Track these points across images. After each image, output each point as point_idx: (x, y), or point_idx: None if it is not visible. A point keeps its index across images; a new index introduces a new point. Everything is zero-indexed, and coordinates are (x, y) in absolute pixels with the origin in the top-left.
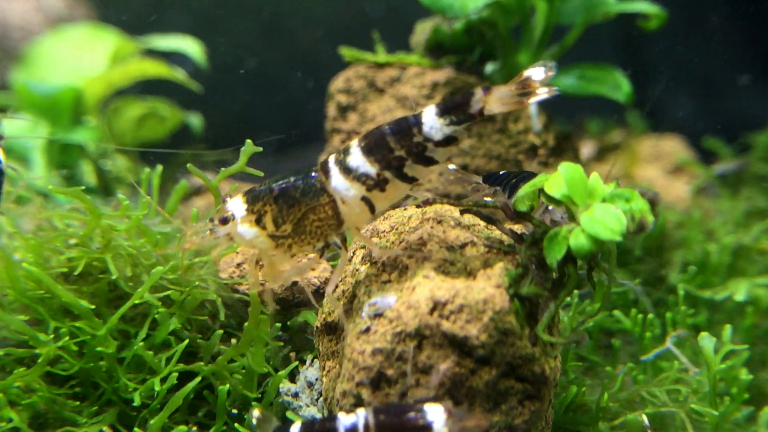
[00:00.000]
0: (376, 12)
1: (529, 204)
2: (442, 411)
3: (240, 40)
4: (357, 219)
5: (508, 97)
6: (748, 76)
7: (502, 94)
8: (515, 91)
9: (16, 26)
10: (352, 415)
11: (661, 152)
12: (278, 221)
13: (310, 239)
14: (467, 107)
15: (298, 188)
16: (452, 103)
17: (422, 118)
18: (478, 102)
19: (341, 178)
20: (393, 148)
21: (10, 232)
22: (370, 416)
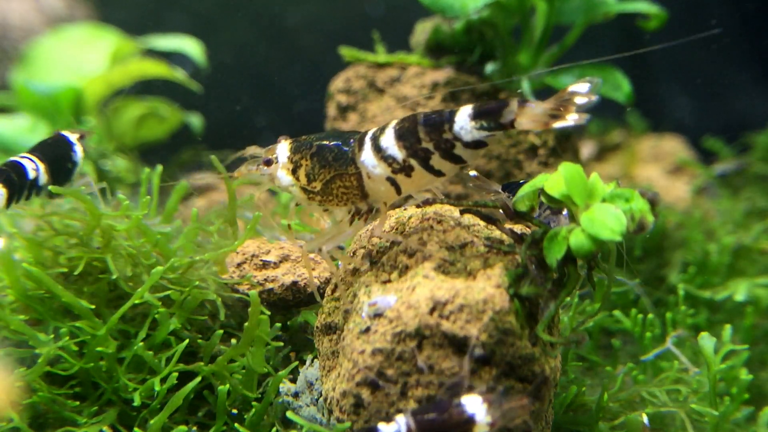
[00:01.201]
0: (376, 12)
1: (529, 204)
2: (481, 401)
3: (240, 40)
4: (382, 195)
5: (541, 115)
6: (748, 76)
7: (536, 111)
8: (550, 110)
9: (16, 26)
10: (393, 424)
11: (661, 152)
12: (310, 177)
13: (337, 202)
14: (499, 116)
15: (332, 151)
16: (486, 109)
17: (455, 117)
18: (511, 113)
19: (371, 154)
20: (422, 138)
21: (10, 232)
22: (410, 421)
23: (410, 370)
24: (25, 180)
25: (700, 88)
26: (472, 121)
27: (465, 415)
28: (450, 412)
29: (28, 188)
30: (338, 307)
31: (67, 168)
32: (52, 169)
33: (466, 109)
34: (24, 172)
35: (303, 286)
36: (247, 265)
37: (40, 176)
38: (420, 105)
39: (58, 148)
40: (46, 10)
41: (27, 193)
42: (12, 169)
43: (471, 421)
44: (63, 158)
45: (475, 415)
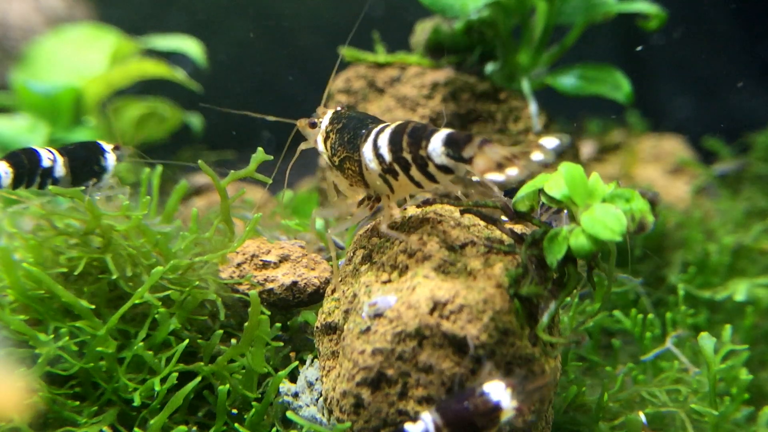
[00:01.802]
0: (376, 12)
1: (529, 204)
2: (504, 387)
3: (240, 40)
4: (379, 189)
5: (497, 159)
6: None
7: (493, 154)
8: (506, 157)
9: (16, 26)
10: (420, 423)
11: (661, 152)
12: (332, 150)
13: (349, 181)
14: (461, 149)
15: (349, 133)
16: (454, 138)
17: (432, 136)
18: (471, 150)
19: (370, 148)
20: (403, 148)
21: (10, 232)
22: (437, 418)
23: (410, 370)
24: (38, 166)
25: (700, 88)
26: (442, 146)
27: (491, 403)
28: (475, 403)
29: (40, 175)
30: (338, 307)
31: (93, 170)
32: (74, 166)
33: (442, 133)
34: (37, 158)
35: (303, 286)
36: (247, 265)
37: (56, 167)
38: (420, 105)
39: (87, 150)
40: (46, 10)
41: (40, 181)
42: (24, 153)
43: (497, 409)
44: (90, 160)
45: (500, 401)
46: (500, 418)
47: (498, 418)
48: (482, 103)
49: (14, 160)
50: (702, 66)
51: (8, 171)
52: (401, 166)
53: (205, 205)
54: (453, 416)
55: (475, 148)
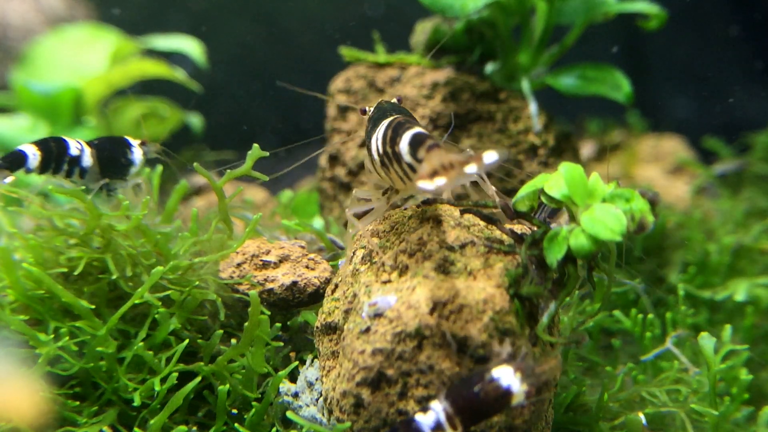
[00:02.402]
0: (376, 12)
1: (529, 204)
2: (513, 372)
3: (240, 40)
4: (384, 180)
5: (435, 165)
6: (749, 76)
7: (434, 160)
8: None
9: (16, 26)
10: (430, 413)
11: (661, 152)
12: (367, 135)
13: (372, 167)
14: (416, 150)
15: (372, 121)
16: (416, 138)
17: (405, 134)
18: (422, 152)
19: (380, 135)
20: (386, 142)
21: (10, 232)
22: (447, 406)
23: (410, 370)
24: (65, 153)
25: (700, 88)
26: (407, 145)
27: (501, 388)
28: (485, 389)
29: (68, 163)
30: (338, 307)
31: (120, 163)
32: (101, 157)
33: (410, 132)
34: (65, 146)
35: (303, 286)
36: (247, 265)
37: (84, 157)
38: (420, 105)
39: (114, 144)
40: (46, 10)
41: (68, 169)
42: (52, 139)
43: (508, 393)
44: (117, 153)
45: (510, 386)
46: (511, 402)
47: (509, 402)
48: (482, 103)
49: (43, 145)
50: (702, 66)
51: (36, 153)
52: (387, 159)
53: (205, 205)
54: (464, 404)
55: (424, 151)
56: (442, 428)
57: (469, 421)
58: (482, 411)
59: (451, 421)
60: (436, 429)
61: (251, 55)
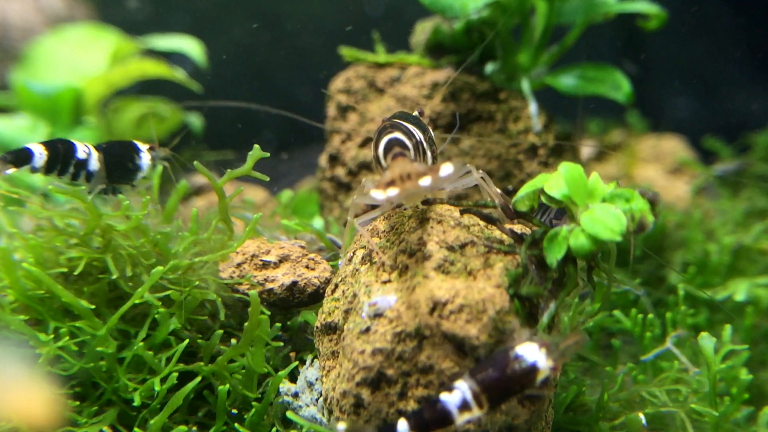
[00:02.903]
0: (376, 12)
1: (529, 204)
2: (538, 348)
3: (240, 40)
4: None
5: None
6: (749, 76)
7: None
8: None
9: (16, 26)
10: (456, 392)
11: (661, 152)
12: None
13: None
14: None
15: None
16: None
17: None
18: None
19: (374, 141)
20: (373, 146)
21: (10, 232)
22: (473, 384)
23: (410, 370)
24: (72, 156)
25: (700, 88)
26: (382, 150)
27: (527, 365)
28: (512, 366)
29: (75, 166)
30: (338, 307)
31: (126, 167)
32: (108, 161)
33: (387, 137)
34: (73, 148)
35: (303, 286)
36: (247, 265)
37: (91, 161)
38: (420, 105)
39: (122, 148)
40: (46, 10)
41: (74, 172)
42: (61, 141)
43: (534, 370)
44: (124, 156)
45: (536, 362)
46: (537, 379)
47: (535, 379)
48: (482, 103)
49: (50, 146)
50: (702, 66)
51: (43, 153)
52: (376, 161)
53: (205, 205)
54: (490, 382)
55: (389, 158)
56: (468, 407)
57: (495, 398)
58: (509, 388)
59: (478, 399)
60: (463, 407)
61: (251, 55)
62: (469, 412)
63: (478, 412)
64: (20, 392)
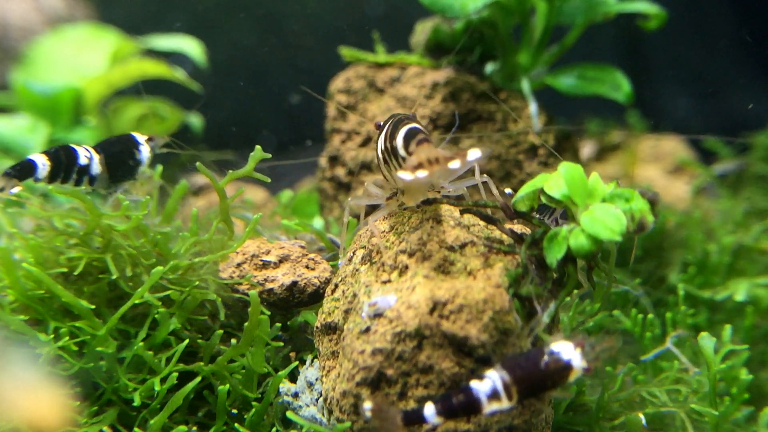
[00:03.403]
0: (376, 12)
1: (529, 204)
2: (573, 347)
3: (240, 40)
4: (386, 179)
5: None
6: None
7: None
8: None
9: (16, 26)
10: (486, 381)
11: (661, 152)
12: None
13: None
14: (408, 144)
15: (382, 127)
16: (409, 133)
17: (401, 130)
18: (413, 146)
19: (382, 136)
20: (388, 138)
21: (10, 232)
22: (505, 375)
23: (410, 370)
24: (75, 163)
25: (700, 88)
26: (402, 139)
27: (562, 362)
28: (546, 362)
29: (77, 173)
30: (338, 307)
31: (128, 165)
32: (109, 163)
33: (405, 128)
34: (74, 155)
35: (303, 286)
36: (247, 265)
37: (93, 165)
38: (420, 105)
39: (121, 145)
40: (46, 10)
41: (77, 178)
42: (63, 149)
43: (568, 368)
44: (124, 154)
45: (571, 361)
46: (569, 378)
47: (567, 377)
48: (482, 103)
49: (53, 155)
50: (702, 66)
51: (46, 164)
52: (387, 155)
53: (205, 205)
54: (522, 374)
55: (414, 145)
56: (498, 396)
57: (526, 392)
58: (541, 383)
59: (508, 390)
60: (492, 396)
61: (251, 55)
62: (498, 402)
63: (507, 404)
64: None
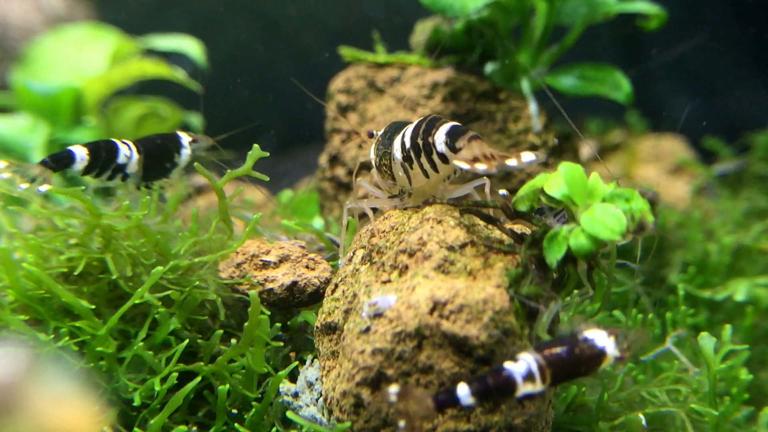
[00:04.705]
0: (376, 12)
1: (529, 204)
2: (607, 335)
3: (240, 40)
4: (401, 180)
5: (479, 155)
6: (749, 76)
7: (477, 150)
8: (489, 155)
9: (16, 26)
10: (521, 362)
11: (661, 152)
12: (377, 151)
13: (385, 178)
14: (455, 140)
15: (390, 133)
16: (455, 130)
17: (442, 125)
18: (462, 142)
19: (399, 139)
20: (419, 134)
21: (10, 232)
22: (539, 358)
23: (410, 370)
24: (113, 161)
25: (700, 88)
26: (444, 135)
27: (596, 348)
28: (580, 347)
29: (113, 170)
30: (338, 307)
31: (164, 167)
32: (147, 164)
33: (448, 125)
34: (116, 152)
35: (303, 286)
36: (247, 265)
37: (130, 164)
38: (420, 105)
39: (165, 147)
40: (46, 10)
41: (111, 174)
42: (104, 144)
43: (602, 354)
44: (165, 156)
45: (605, 347)
46: (601, 365)
47: (600, 364)
48: (482, 103)
49: (93, 149)
50: (702, 66)
51: (85, 157)
52: (415, 152)
53: (206, 205)
54: (556, 358)
55: (465, 141)
56: (533, 377)
57: (559, 375)
58: (574, 368)
59: (542, 372)
60: (528, 377)
61: (251, 54)
62: (532, 384)
63: (541, 387)
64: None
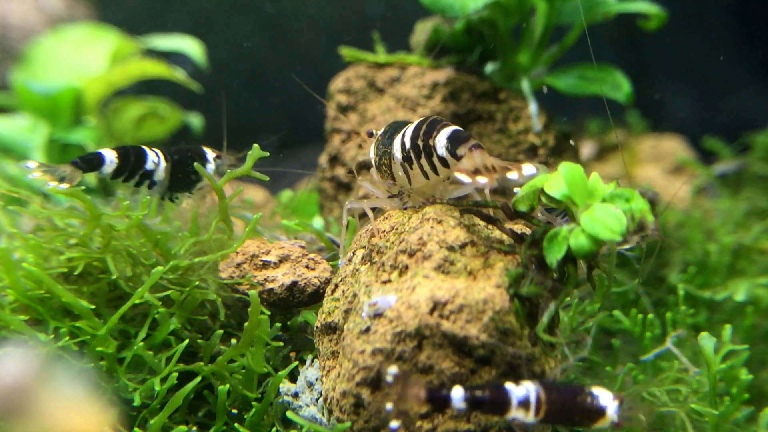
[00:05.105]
0: (376, 12)
1: (529, 204)
2: (613, 398)
3: (240, 40)
4: (400, 180)
5: (480, 166)
6: (748, 76)
7: (479, 160)
8: (490, 167)
9: (16, 26)
10: (522, 387)
11: (661, 152)
12: (377, 150)
13: (384, 177)
14: (457, 146)
15: (389, 132)
16: (457, 135)
17: (443, 128)
18: (464, 149)
19: (399, 139)
20: (419, 136)
21: (10, 232)
22: (541, 391)
23: (410, 370)
24: (141, 167)
25: (700, 88)
26: (446, 140)
27: (597, 405)
28: (582, 397)
29: (140, 176)
30: (338, 307)
31: (190, 179)
32: (174, 173)
33: (450, 129)
34: (144, 158)
35: (303, 286)
36: (247, 265)
37: (158, 171)
38: (420, 105)
39: (191, 159)
40: (46, 10)
41: (138, 180)
42: (133, 149)
43: (601, 412)
44: (190, 168)
45: (607, 408)
46: (597, 423)
47: (595, 421)
48: (482, 103)
49: (122, 154)
50: (702, 66)
51: (114, 160)
52: (415, 153)
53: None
54: (557, 397)
55: (466, 149)
56: (528, 406)
57: (552, 415)
58: (570, 413)
59: (539, 404)
60: (523, 404)
61: (251, 54)
62: (524, 412)
63: (532, 419)
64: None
